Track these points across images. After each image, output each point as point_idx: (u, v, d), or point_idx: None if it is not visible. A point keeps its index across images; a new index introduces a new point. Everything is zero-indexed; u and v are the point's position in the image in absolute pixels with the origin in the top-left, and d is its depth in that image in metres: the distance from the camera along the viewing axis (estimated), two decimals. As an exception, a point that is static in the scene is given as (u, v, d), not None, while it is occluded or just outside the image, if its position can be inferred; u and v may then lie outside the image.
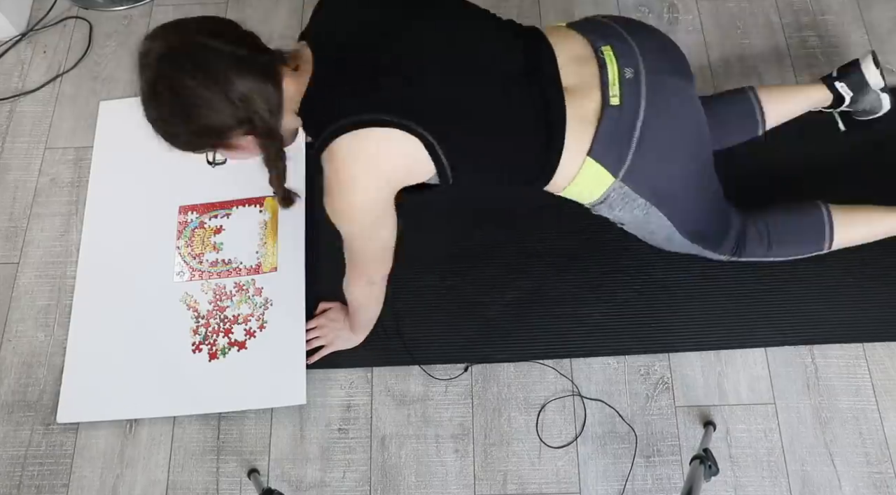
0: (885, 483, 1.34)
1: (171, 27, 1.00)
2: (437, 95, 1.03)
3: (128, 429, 1.45)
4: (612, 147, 1.08)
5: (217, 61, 0.96)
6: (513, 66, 1.08)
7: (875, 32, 1.75)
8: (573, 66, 1.09)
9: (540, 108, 1.07)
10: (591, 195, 1.16)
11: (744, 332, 1.45)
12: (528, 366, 1.46)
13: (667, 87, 1.10)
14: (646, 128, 1.07)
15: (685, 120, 1.13)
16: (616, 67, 1.07)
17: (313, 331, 1.46)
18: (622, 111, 1.06)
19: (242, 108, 0.98)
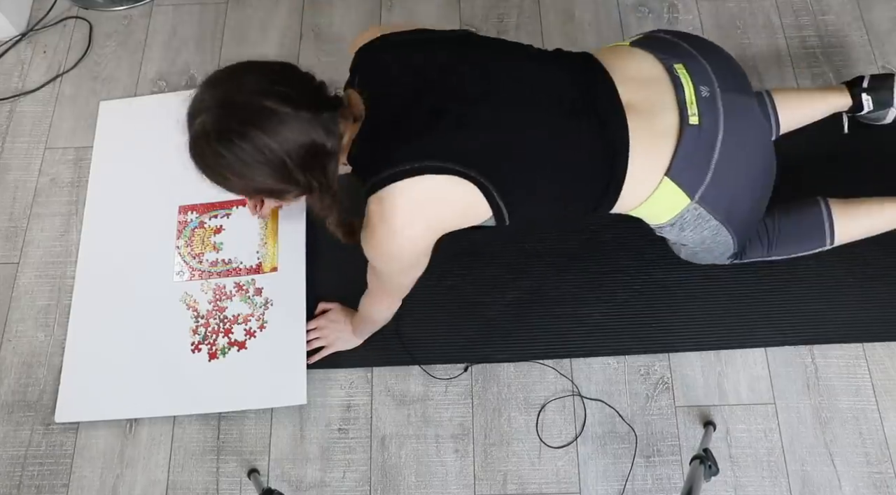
0: (885, 483, 1.34)
1: (237, 75, 0.99)
2: (491, 139, 1.02)
3: (128, 429, 1.45)
4: (691, 167, 1.06)
5: (281, 127, 0.93)
6: (565, 96, 1.07)
7: (875, 32, 1.75)
8: (640, 85, 1.08)
9: (597, 133, 1.05)
10: (663, 216, 1.14)
11: (744, 332, 1.45)
12: (528, 366, 1.46)
13: (740, 105, 1.09)
14: (724, 148, 1.05)
15: (758, 138, 1.12)
16: (692, 86, 1.06)
17: (314, 331, 1.46)
18: (701, 131, 1.05)
19: (298, 172, 0.96)
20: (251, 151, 0.93)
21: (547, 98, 1.07)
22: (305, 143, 0.95)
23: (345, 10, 1.87)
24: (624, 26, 1.81)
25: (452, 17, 1.85)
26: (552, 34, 1.81)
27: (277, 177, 0.97)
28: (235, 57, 1.80)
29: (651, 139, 1.06)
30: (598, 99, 1.07)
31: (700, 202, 1.09)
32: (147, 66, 1.83)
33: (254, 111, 0.93)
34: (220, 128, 0.93)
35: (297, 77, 1.02)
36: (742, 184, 1.12)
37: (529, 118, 1.05)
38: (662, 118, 1.06)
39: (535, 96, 1.07)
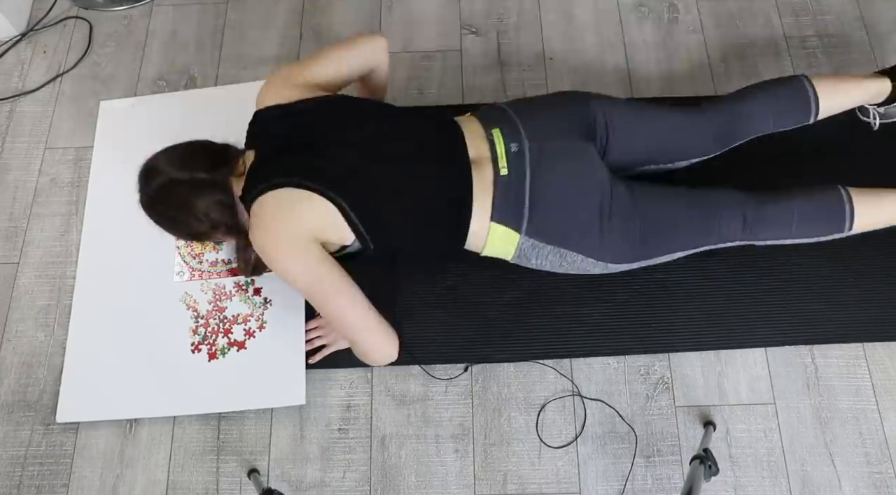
0: (885, 483, 1.34)
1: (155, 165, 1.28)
2: (354, 171, 1.22)
3: (128, 429, 1.45)
4: (509, 209, 1.25)
5: (182, 191, 1.25)
6: (427, 148, 1.28)
7: (875, 32, 1.75)
8: (475, 144, 1.29)
9: (452, 180, 1.25)
10: (507, 252, 1.31)
11: (744, 332, 1.45)
12: (528, 366, 1.46)
13: (550, 150, 1.28)
14: (534, 188, 1.25)
15: (570, 173, 1.28)
16: (503, 145, 1.27)
17: (314, 331, 1.46)
18: (510, 179, 1.25)
19: (206, 221, 1.26)
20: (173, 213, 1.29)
21: (411, 143, 1.28)
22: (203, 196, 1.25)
23: (345, 10, 1.87)
24: (624, 26, 1.81)
25: (453, 17, 1.85)
26: (552, 34, 1.81)
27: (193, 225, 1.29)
28: (235, 57, 1.83)
29: (480, 189, 1.26)
30: (456, 152, 1.28)
31: (528, 235, 1.27)
32: (147, 66, 1.83)
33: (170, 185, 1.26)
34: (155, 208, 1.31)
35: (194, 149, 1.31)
36: (562, 213, 1.27)
37: (393, 158, 1.25)
38: (486, 172, 1.27)
39: (398, 141, 1.28)
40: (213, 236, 1.33)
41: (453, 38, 1.82)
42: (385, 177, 1.24)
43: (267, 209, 1.20)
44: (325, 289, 1.23)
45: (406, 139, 1.29)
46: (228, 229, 1.30)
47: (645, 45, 1.79)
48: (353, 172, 1.22)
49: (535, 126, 1.31)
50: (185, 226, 1.29)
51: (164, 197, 1.26)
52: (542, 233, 1.27)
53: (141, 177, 1.29)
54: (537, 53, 1.79)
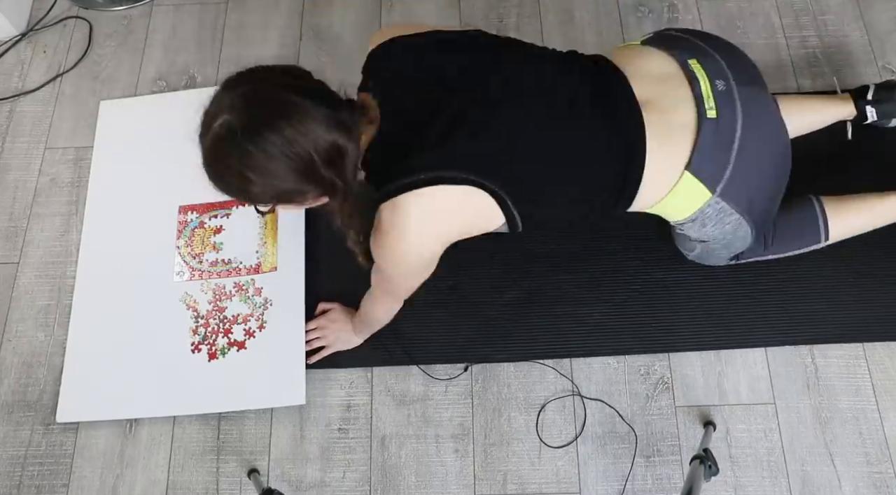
0: (885, 483, 1.34)
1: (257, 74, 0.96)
2: (507, 147, 1.02)
3: (128, 429, 1.45)
4: (711, 161, 1.06)
5: (308, 121, 0.91)
6: (580, 98, 1.07)
7: (875, 32, 1.75)
8: (655, 82, 1.08)
9: (612, 133, 1.06)
10: (684, 212, 1.14)
11: (744, 332, 1.45)
12: (528, 366, 1.46)
13: (756, 99, 1.09)
14: (743, 140, 1.05)
15: (775, 131, 1.12)
16: (707, 80, 1.07)
17: (314, 331, 1.46)
18: (719, 124, 1.05)
19: (325, 171, 0.94)
20: (280, 144, 0.89)
21: (562, 100, 1.07)
22: (329, 140, 0.93)
23: (345, 10, 1.87)
24: (624, 26, 1.81)
25: (452, 17, 1.85)
26: (552, 34, 1.81)
27: (301, 173, 0.93)
28: (235, 57, 1.83)
29: (668, 135, 1.06)
30: (614, 98, 1.07)
31: (721, 196, 1.09)
32: (147, 66, 1.82)
33: (281, 104, 0.91)
34: (248, 122, 0.90)
35: (314, 80, 1.00)
36: (762, 176, 1.12)
37: (545, 123, 1.05)
38: (679, 113, 1.06)
39: (551, 99, 1.07)
40: (307, 198, 1.00)
41: (453, 38, 1.82)
42: (545, 147, 1.04)
43: (407, 215, 0.98)
44: (406, 285, 1.16)
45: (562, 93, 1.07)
46: (340, 192, 0.98)
47: (645, 45, 1.79)
48: (509, 147, 1.02)
49: (735, 64, 1.11)
50: (285, 173, 0.93)
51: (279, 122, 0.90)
52: (737, 196, 1.09)
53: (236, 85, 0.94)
54: (537, 53, 1.78)
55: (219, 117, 0.91)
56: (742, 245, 1.25)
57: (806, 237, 1.37)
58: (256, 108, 0.91)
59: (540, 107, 1.05)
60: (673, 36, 1.17)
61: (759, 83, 1.13)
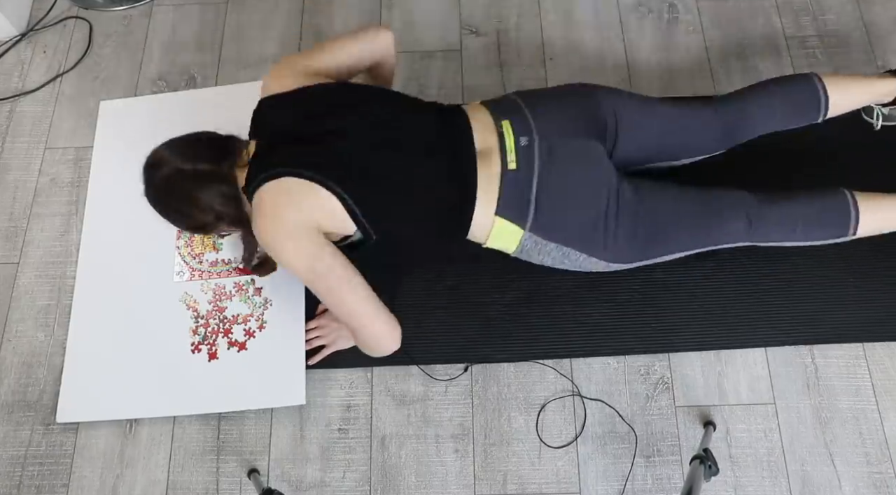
0: (885, 483, 1.34)
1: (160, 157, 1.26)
2: (355, 161, 1.21)
3: (128, 429, 1.45)
4: (514, 204, 1.25)
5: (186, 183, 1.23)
6: (430, 137, 1.27)
7: (875, 32, 1.75)
8: (483, 135, 1.28)
9: (455, 170, 1.25)
10: (509, 246, 1.31)
11: (744, 332, 1.45)
12: (528, 366, 1.46)
13: (559, 148, 1.27)
14: (541, 185, 1.24)
15: (577, 172, 1.27)
16: (512, 138, 1.26)
17: (314, 330, 1.46)
18: (518, 173, 1.24)
19: (211, 212, 1.25)
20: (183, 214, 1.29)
21: (415, 136, 1.26)
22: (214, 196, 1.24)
23: (345, 10, 1.87)
24: (624, 26, 1.81)
25: (453, 17, 1.85)
26: (552, 34, 1.81)
27: (201, 224, 1.29)
28: (235, 57, 1.83)
29: (486, 181, 1.25)
30: (460, 142, 1.27)
31: (532, 231, 1.26)
32: (147, 66, 1.83)
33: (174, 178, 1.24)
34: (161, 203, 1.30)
35: (200, 142, 1.29)
36: (568, 212, 1.27)
37: (396, 151, 1.24)
38: (493, 164, 1.25)
39: (404, 134, 1.26)
40: (217, 228, 1.31)
41: (453, 38, 1.82)
42: (387, 167, 1.23)
43: (268, 197, 1.19)
44: (327, 277, 1.21)
45: (410, 128, 1.28)
46: (232, 220, 1.29)
47: (645, 44, 1.79)
48: (354, 163, 1.21)
49: (546, 121, 1.29)
50: (190, 217, 1.28)
51: (169, 188, 1.25)
52: (546, 229, 1.27)
53: (146, 168, 1.27)
54: (537, 53, 1.79)
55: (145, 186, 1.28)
56: (592, 266, 1.33)
57: (835, 226, 1.34)
58: (164, 195, 1.28)
59: (391, 138, 1.25)
60: (506, 99, 1.36)
61: (574, 133, 1.29)
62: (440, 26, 1.84)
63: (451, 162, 1.25)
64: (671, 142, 1.40)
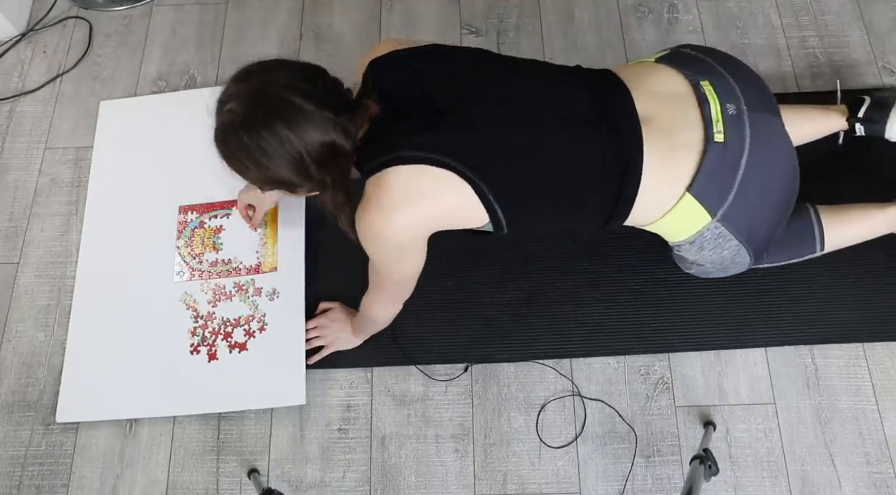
0: (885, 483, 1.34)
1: (265, 72, 1.01)
2: (494, 145, 1.03)
3: (128, 429, 1.45)
4: (714, 185, 1.06)
5: (304, 122, 0.97)
6: (578, 111, 1.07)
7: (875, 32, 1.75)
8: (662, 101, 1.08)
9: (607, 147, 1.05)
10: (682, 234, 1.14)
11: (744, 332, 1.45)
12: (528, 366, 1.46)
13: (766, 125, 1.08)
14: (749, 167, 1.05)
15: (783, 159, 1.11)
16: (718, 104, 1.06)
17: (314, 330, 1.46)
18: (726, 148, 1.04)
19: (312, 167, 1.00)
20: (273, 142, 0.96)
21: (559, 112, 1.07)
22: (325, 142, 0.99)
23: (345, 10, 1.87)
24: (624, 26, 1.81)
25: (452, 17, 1.85)
26: (552, 34, 1.81)
27: (294, 169, 1.00)
28: (235, 57, 1.83)
29: (670, 154, 1.05)
30: (614, 114, 1.07)
31: (722, 221, 1.09)
32: (147, 66, 1.83)
33: (280, 104, 0.96)
34: (247, 116, 0.97)
35: (325, 79, 1.05)
36: (765, 205, 1.11)
37: (538, 131, 1.06)
38: (685, 134, 1.05)
39: (547, 110, 1.07)
40: (299, 188, 1.07)
41: (453, 38, 1.82)
42: (529, 150, 1.05)
43: (388, 189, 1.00)
44: (396, 274, 1.14)
45: (554, 102, 1.08)
46: (331, 186, 1.04)
47: (645, 45, 1.78)
48: (493, 147, 1.03)
49: (748, 88, 1.10)
50: (279, 165, 0.99)
51: (274, 117, 0.96)
52: (737, 223, 1.09)
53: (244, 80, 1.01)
54: (537, 53, 1.78)
55: (226, 104, 0.99)
56: (737, 269, 1.24)
57: (802, 246, 1.35)
58: (257, 105, 0.97)
59: (532, 116, 1.06)
60: (689, 55, 1.16)
61: (772, 111, 1.12)
62: (440, 26, 1.84)
63: (609, 137, 1.05)
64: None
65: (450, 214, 1.05)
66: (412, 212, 1.02)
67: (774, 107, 1.14)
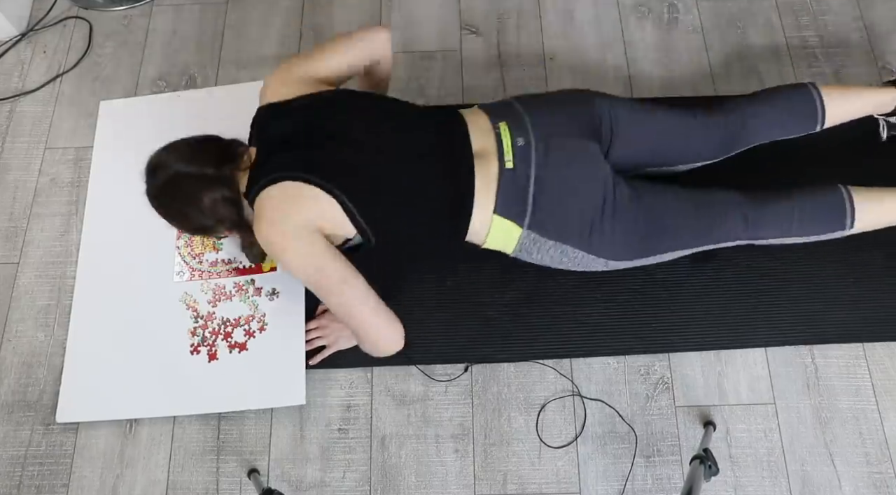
0: (885, 483, 1.34)
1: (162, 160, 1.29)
2: (355, 166, 1.24)
3: (128, 429, 1.45)
4: (512, 203, 1.26)
5: (189, 185, 1.26)
6: (429, 142, 1.29)
7: (875, 32, 1.75)
8: (480, 137, 1.30)
9: (453, 173, 1.26)
10: (508, 245, 1.32)
11: (744, 332, 1.45)
12: (528, 366, 1.46)
13: (555, 146, 1.28)
14: (539, 183, 1.26)
15: (574, 171, 1.29)
16: (510, 139, 1.28)
17: (315, 330, 1.46)
18: (515, 172, 1.26)
19: (212, 216, 1.27)
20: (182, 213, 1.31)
21: (412, 140, 1.29)
22: (216, 199, 1.26)
23: (345, 10, 1.87)
24: (624, 26, 1.81)
25: (453, 17, 1.85)
26: (552, 34, 1.81)
27: (201, 226, 1.32)
28: (235, 57, 1.83)
29: (484, 182, 1.26)
30: (457, 144, 1.29)
31: (530, 229, 1.28)
32: (147, 66, 1.83)
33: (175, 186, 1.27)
34: (161, 203, 1.32)
35: (210, 144, 1.31)
36: (565, 209, 1.28)
37: (393, 155, 1.26)
38: (491, 165, 1.27)
39: (400, 138, 1.28)
40: (217, 231, 1.34)
41: (453, 38, 1.82)
42: (385, 172, 1.25)
43: (270, 202, 1.21)
44: (329, 279, 1.24)
45: (407, 133, 1.30)
46: (233, 224, 1.31)
47: (645, 45, 1.79)
48: (353, 167, 1.24)
49: (542, 122, 1.31)
50: (191, 219, 1.30)
51: (171, 190, 1.27)
52: (544, 228, 1.28)
53: (147, 171, 1.29)
54: (537, 53, 1.79)
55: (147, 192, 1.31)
56: (589, 264, 1.33)
57: (832, 221, 1.35)
58: (163, 195, 1.30)
59: (392, 147, 1.27)
60: (503, 103, 1.37)
61: (570, 134, 1.31)
62: (440, 26, 1.84)
63: (449, 165, 1.27)
64: (668, 149, 1.40)
65: (320, 217, 1.22)
66: (288, 218, 1.20)
67: (568, 131, 1.32)
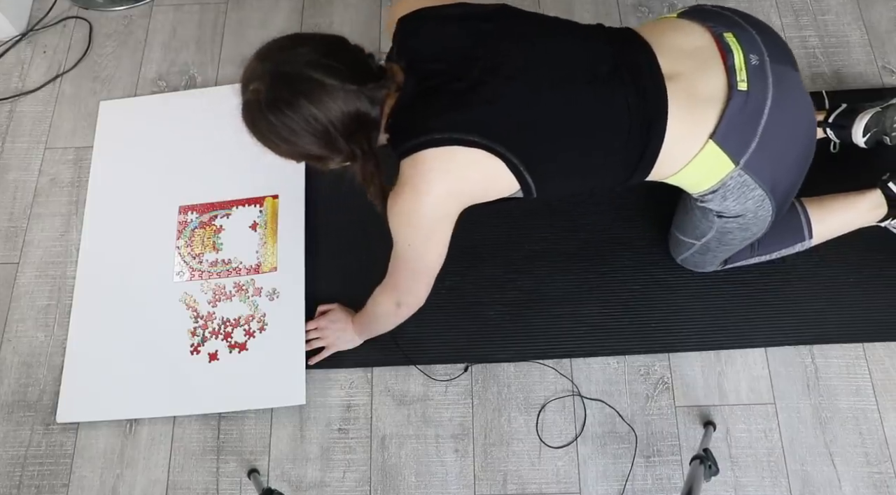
0: (885, 483, 1.34)
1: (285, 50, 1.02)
2: (522, 116, 1.05)
3: (128, 429, 1.45)
4: (736, 132, 1.06)
5: (327, 98, 0.99)
6: (601, 69, 1.08)
7: (875, 32, 1.75)
8: (684, 55, 1.09)
9: (632, 103, 1.07)
10: (705, 183, 1.14)
11: (744, 332, 1.45)
12: (528, 366, 1.46)
13: (788, 77, 1.10)
14: (771, 115, 1.06)
15: (804, 112, 1.13)
16: (742, 54, 1.07)
17: (314, 331, 1.46)
18: (749, 97, 1.06)
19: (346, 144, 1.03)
20: (298, 120, 0.99)
21: (583, 72, 1.08)
22: (350, 113, 1.01)
23: (345, 10, 1.87)
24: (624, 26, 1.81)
25: (452, 17, 1.84)
26: (552, 34, 1.80)
27: (322, 144, 1.03)
28: (235, 57, 1.83)
29: (694, 104, 1.07)
30: (636, 70, 1.08)
31: (745, 168, 1.09)
32: (147, 66, 1.83)
33: (302, 82, 0.98)
34: (271, 96, 0.99)
35: (346, 50, 1.06)
36: (786, 154, 1.12)
37: (563, 93, 1.07)
38: (709, 85, 1.07)
39: (571, 71, 1.09)
40: (332, 161, 1.08)
41: (453, 38, 1.82)
42: (557, 113, 1.07)
43: (422, 171, 1.03)
44: (418, 259, 1.15)
45: (580, 61, 1.10)
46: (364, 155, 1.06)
47: (645, 45, 1.78)
48: (521, 115, 1.05)
49: (770, 42, 1.12)
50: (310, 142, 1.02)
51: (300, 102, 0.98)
52: (760, 170, 1.09)
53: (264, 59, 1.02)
54: (537, 53, 1.78)
55: (250, 84, 1.01)
56: (759, 228, 1.22)
57: (791, 236, 1.37)
58: (280, 85, 0.99)
59: (559, 77, 1.07)
60: (711, 10, 1.17)
61: (792, 65, 1.14)
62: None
63: (632, 92, 1.07)
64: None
65: (482, 189, 1.09)
66: (443, 190, 1.05)
67: (794, 63, 1.15)
